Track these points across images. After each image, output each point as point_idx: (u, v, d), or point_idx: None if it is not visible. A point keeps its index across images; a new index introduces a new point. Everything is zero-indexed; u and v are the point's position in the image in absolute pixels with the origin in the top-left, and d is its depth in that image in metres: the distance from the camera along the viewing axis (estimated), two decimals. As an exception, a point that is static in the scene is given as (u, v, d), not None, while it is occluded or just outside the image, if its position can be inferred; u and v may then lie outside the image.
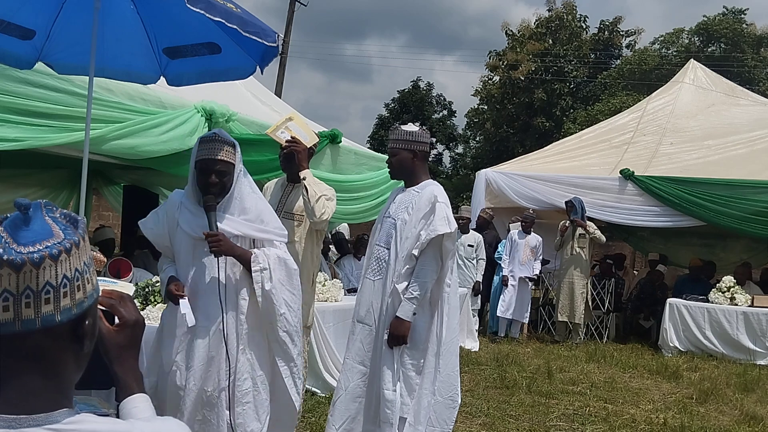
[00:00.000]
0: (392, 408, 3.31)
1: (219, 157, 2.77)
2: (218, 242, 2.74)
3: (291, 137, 3.62)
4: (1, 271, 0.95)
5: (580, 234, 8.72)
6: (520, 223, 9.13)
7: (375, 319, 3.44)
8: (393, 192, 3.71)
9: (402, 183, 3.68)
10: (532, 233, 9.07)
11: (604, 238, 8.89)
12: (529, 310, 9.11)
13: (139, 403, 1.23)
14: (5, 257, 0.95)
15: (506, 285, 8.93)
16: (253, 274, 2.79)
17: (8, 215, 1.02)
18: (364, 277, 3.57)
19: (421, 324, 3.39)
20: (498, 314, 8.98)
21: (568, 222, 8.79)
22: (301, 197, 3.66)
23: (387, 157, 3.64)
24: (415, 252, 3.36)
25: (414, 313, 3.34)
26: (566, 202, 8.80)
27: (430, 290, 3.39)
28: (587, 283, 8.90)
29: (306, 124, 3.79)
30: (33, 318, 0.97)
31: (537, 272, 9.06)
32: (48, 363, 1.01)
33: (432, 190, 3.48)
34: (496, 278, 9.29)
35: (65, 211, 1.06)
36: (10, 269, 0.95)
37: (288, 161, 3.70)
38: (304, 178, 3.55)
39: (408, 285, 3.35)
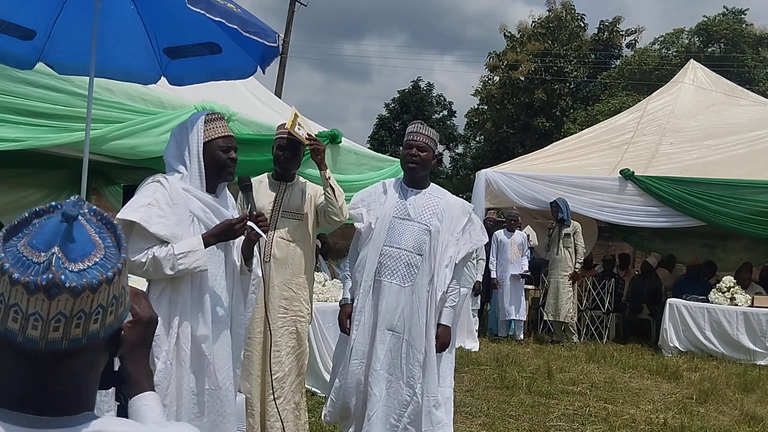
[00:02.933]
0: (441, 410, 3.39)
1: (232, 135, 2.74)
2: (267, 222, 2.74)
3: (307, 134, 3.58)
4: (60, 297, 0.94)
5: (565, 234, 8.75)
6: (506, 221, 9.22)
7: (405, 327, 3.38)
8: (394, 189, 3.55)
9: (395, 178, 3.66)
10: (517, 231, 9.12)
11: (583, 250, 8.94)
12: (525, 307, 9.12)
13: (149, 401, 1.23)
14: (67, 284, 0.93)
15: (497, 287, 8.94)
16: (254, 262, 2.83)
17: (40, 214, 1.00)
18: (388, 283, 3.40)
19: None
20: (501, 318, 9.00)
21: (554, 222, 8.82)
22: (299, 196, 3.67)
23: (411, 148, 3.45)
24: (457, 260, 3.44)
25: None
26: (551, 203, 8.83)
27: None
28: (574, 283, 8.90)
29: (306, 121, 3.78)
30: (80, 337, 0.97)
31: (526, 268, 9.08)
32: (83, 373, 1.01)
33: (454, 197, 3.60)
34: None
35: (93, 207, 1.04)
36: (69, 295, 0.94)
37: (292, 159, 3.67)
38: (329, 178, 3.54)
39: (448, 292, 3.42)
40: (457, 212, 3.49)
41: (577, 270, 8.78)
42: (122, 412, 1.28)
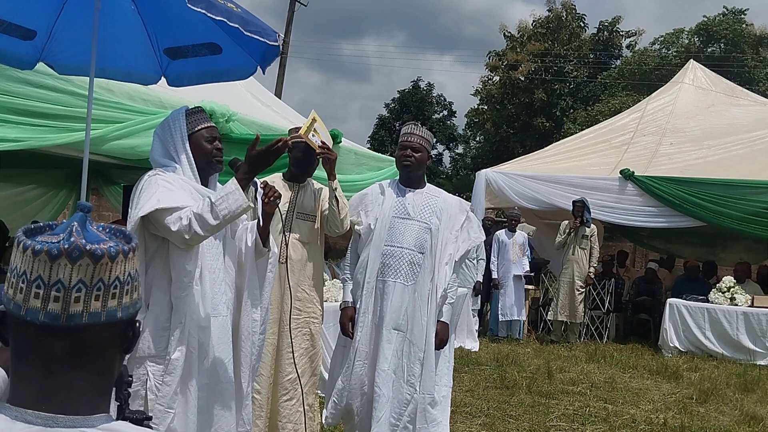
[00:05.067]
0: (437, 409, 3.40)
1: (215, 125, 2.74)
2: (277, 193, 2.73)
3: (321, 142, 3.57)
4: (80, 261, 0.99)
5: (583, 235, 8.73)
6: (507, 221, 9.19)
7: (409, 326, 3.39)
8: (391, 189, 3.55)
9: (392, 179, 3.66)
10: (518, 231, 9.11)
11: (598, 254, 8.96)
12: (526, 308, 9.12)
13: None
14: (88, 248, 0.99)
15: (498, 288, 8.92)
16: (271, 239, 2.81)
17: (53, 227, 1.05)
18: (392, 282, 3.39)
19: None
20: (500, 319, 8.97)
21: (577, 221, 8.73)
22: (311, 197, 3.68)
23: (405, 149, 3.46)
24: (457, 257, 3.47)
25: None
26: (576, 202, 8.75)
27: None
28: (586, 285, 8.90)
29: (324, 126, 3.78)
30: (99, 312, 1.01)
31: (527, 269, 9.07)
32: (99, 361, 1.03)
33: (451, 195, 3.64)
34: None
35: (100, 224, 1.10)
36: (89, 260, 0.99)
37: (305, 163, 3.65)
38: (336, 189, 3.55)
39: (448, 289, 3.45)
40: (455, 210, 3.53)
41: (590, 273, 8.78)
42: (122, 412, 1.28)
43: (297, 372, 3.53)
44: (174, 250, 2.54)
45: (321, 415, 3.66)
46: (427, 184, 3.63)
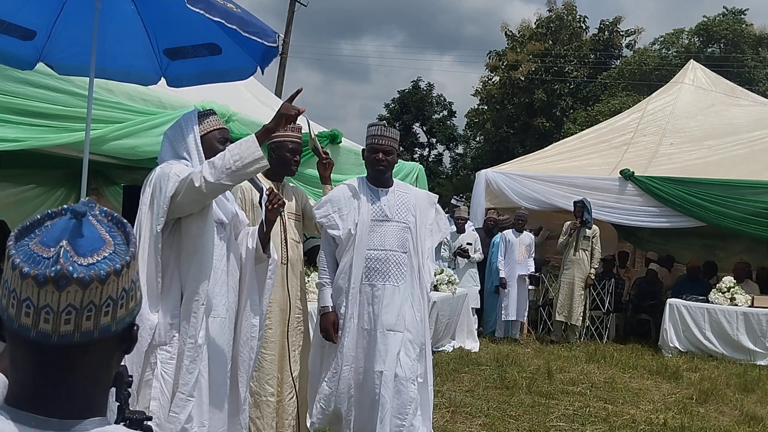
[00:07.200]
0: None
1: (226, 127, 2.78)
2: (281, 200, 2.75)
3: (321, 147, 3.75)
4: (69, 288, 0.96)
5: (584, 236, 8.71)
6: (515, 221, 9.15)
7: (404, 324, 3.41)
8: (363, 191, 3.51)
9: (358, 178, 3.66)
10: (525, 231, 9.08)
11: (599, 255, 8.95)
12: (527, 309, 9.11)
13: None
14: (75, 275, 0.95)
15: (504, 287, 8.90)
16: (271, 245, 2.83)
17: (52, 216, 1.02)
18: (381, 285, 3.40)
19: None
20: (503, 318, 8.93)
21: (578, 222, 8.71)
22: (291, 196, 3.70)
23: (377, 152, 3.47)
24: (432, 250, 3.58)
25: None
26: (576, 203, 8.72)
27: None
28: (587, 287, 8.88)
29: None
30: (92, 330, 0.99)
31: (532, 270, 9.05)
32: (95, 370, 1.02)
33: (418, 189, 3.74)
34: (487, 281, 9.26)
35: (104, 209, 1.06)
36: (78, 286, 0.96)
37: (293, 163, 3.65)
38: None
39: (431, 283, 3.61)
40: (425, 204, 3.61)
41: (591, 274, 8.77)
42: (122, 412, 1.27)
43: (291, 370, 3.55)
44: (186, 239, 2.57)
45: (306, 419, 3.64)
46: (395, 180, 3.65)
